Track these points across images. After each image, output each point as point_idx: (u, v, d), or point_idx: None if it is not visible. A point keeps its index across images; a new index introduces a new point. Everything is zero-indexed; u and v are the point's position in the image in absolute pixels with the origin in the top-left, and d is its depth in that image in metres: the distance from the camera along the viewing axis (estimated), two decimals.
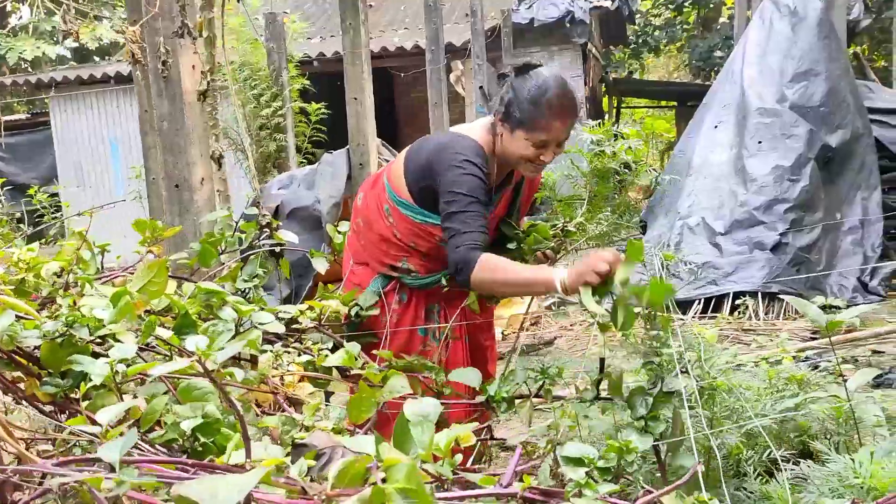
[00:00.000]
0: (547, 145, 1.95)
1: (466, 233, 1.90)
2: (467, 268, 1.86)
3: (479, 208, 1.94)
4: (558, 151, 2.02)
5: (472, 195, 1.93)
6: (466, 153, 1.98)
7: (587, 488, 1.12)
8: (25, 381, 1.40)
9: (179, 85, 2.48)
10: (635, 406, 1.66)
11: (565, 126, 1.95)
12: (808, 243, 4.92)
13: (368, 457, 0.86)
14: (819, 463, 1.83)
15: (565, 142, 2.01)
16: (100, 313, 1.47)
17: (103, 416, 1.05)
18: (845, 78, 5.54)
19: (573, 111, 1.96)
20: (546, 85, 1.92)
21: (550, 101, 1.91)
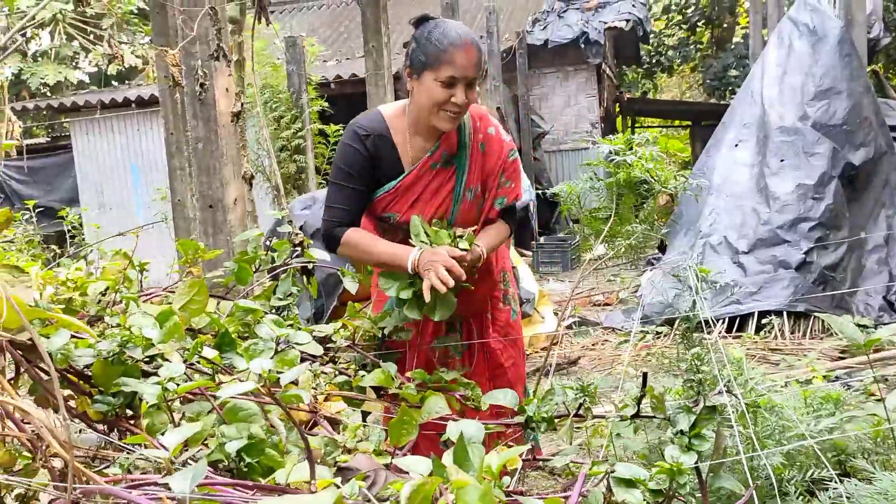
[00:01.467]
0: (455, 83, 1.90)
1: (330, 207, 2.07)
2: (334, 242, 2.07)
3: (345, 179, 2.03)
4: (472, 96, 1.95)
5: (339, 164, 2.05)
6: (354, 123, 2.05)
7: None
8: (77, 400, 1.42)
9: (214, 107, 2.52)
10: (679, 423, 1.65)
11: (471, 58, 1.90)
12: (834, 262, 4.89)
13: (437, 478, 0.86)
14: (861, 482, 1.81)
15: (474, 85, 1.95)
16: (149, 332, 1.49)
17: (170, 440, 1.06)
18: (867, 96, 5.53)
19: (476, 46, 1.92)
20: (444, 24, 1.94)
21: (450, 36, 1.90)
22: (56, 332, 1.36)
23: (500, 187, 2.12)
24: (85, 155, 10.86)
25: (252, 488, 1.07)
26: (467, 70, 1.90)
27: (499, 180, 2.12)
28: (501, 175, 2.12)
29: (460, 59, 1.89)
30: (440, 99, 1.93)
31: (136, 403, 1.48)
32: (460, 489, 0.83)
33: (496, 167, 2.11)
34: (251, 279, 2.16)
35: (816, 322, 4.63)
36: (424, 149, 2.06)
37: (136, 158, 10.64)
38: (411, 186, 2.07)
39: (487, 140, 2.11)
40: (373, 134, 2.03)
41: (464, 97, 1.92)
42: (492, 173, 2.11)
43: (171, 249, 5.67)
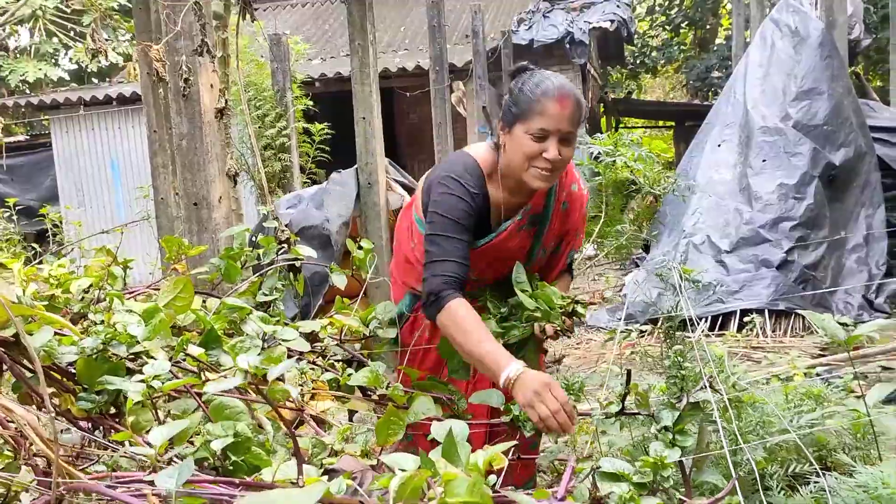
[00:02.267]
0: (547, 136, 1.77)
1: (439, 261, 1.79)
2: (435, 306, 1.76)
3: (456, 231, 1.81)
4: (566, 152, 1.80)
5: (448, 216, 1.81)
6: (454, 170, 1.87)
7: (631, 502, 1.12)
8: (60, 397, 1.40)
9: (199, 103, 2.50)
10: (662, 419, 1.66)
11: (565, 111, 1.75)
12: (814, 261, 4.95)
13: (427, 471, 0.86)
14: (843, 476, 1.83)
15: (571, 139, 1.80)
16: (134, 330, 1.48)
17: (156, 438, 1.05)
18: (848, 97, 5.60)
19: (574, 99, 1.77)
20: (540, 74, 1.82)
21: (544, 85, 1.77)
22: (39, 330, 1.35)
23: (575, 240, 2.06)
24: (65, 153, 10.74)
25: (238, 485, 1.07)
26: (560, 123, 1.76)
27: (575, 235, 2.05)
28: (578, 229, 2.06)
29: (553, 110, 1.75)
30: (531, 153, 1.78)
31: (121, 401, 1.47)
32: (449, 482, 0.83)
33: (576, 224, 2.04)
34: (239, 276, 2.15)
35: (797, 320, 4.69)
36: (514, 207, 1.94)
37: (117, 156, 10.55)
38: (496, 247, 1.96)
39: (570, 198, 2.01)
40: (478, 192, 1.88)
41: (556, 152, 1.77)
42: (571, 230, 2.04)
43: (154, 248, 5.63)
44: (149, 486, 1.02)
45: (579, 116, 1.80)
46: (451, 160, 1.96)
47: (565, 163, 1.83)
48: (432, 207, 1.86)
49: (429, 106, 7.37)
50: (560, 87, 1.78)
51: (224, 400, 1.52)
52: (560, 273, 2.10)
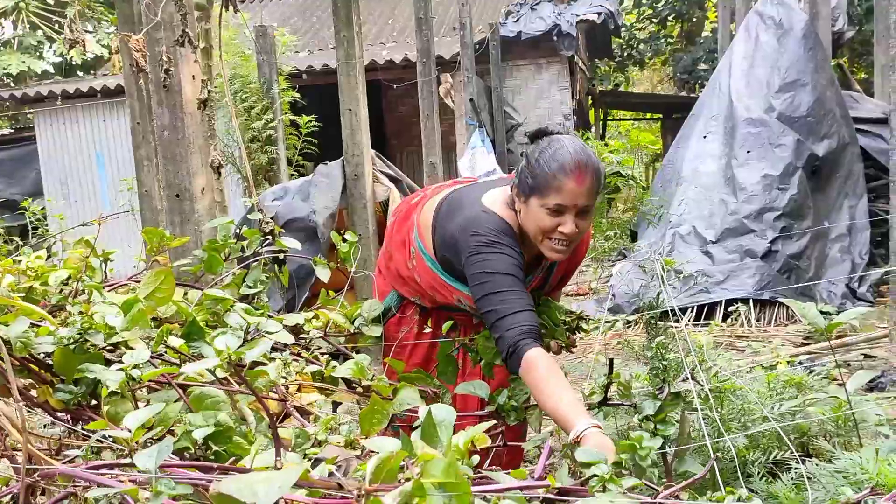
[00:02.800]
0: (564, 211, 1.72)
1: (515, 313, 1.71)
2: (515, 359, 1.68)
3: (518, 285, 1.74)
4: (582, 225, 1.76)
5: (507, 272, 1.75)
6: (492, 233, 1.80)
7: (611, 483, 1.13)
8: (38, 388, 1.39)
9: (180, 94, 2.48)
10: (644, 409, 1.67)
11: (582, 187, 1.71)
12: (798, 251, 4.98)
13: (403, 452, 0.86)
14: (823, 462, 1.85)
15: (589, 212, 1.77)
16: (112, 320, 1.47)
17: (131, 421, 1.05)
18: (831, 88, 5.63)
19: (591, 170, 1.72)
20: (559, 144, 1.75)
21: (563, 159, 1.72)
22: (15, 320, 1.34)
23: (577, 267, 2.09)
24: (49, 146, 10.65)
25: (216, 470, 1.07)
26: (578, 199, 1.72)
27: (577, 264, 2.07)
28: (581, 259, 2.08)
29: (570, 186, 1.71)
30: (547, 227, 1.75)
31: (100, 392, 1.46)
32: (426, 462, 0.83)
33: (579, 261, 2.05)
34: (221, 268, 2.14)
35: (781, 309, 4.72)
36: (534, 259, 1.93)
37: (102, 149, 10.47)
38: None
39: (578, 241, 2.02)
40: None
41: (573, 227, 1.74)
42: (576, 264, 2.05)
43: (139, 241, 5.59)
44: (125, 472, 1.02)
45: (598, 187, 1.75)
46: (478, 217, 1.85)
47: (582, 234, 1.80)
48: (480, 268, 1.77)
49: (416, 98, 7.36)
50: (577, 161, 1.72)
51: (205, 390, 1.51)
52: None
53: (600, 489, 1.10)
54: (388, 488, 0.81)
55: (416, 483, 0.78)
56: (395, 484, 0.83)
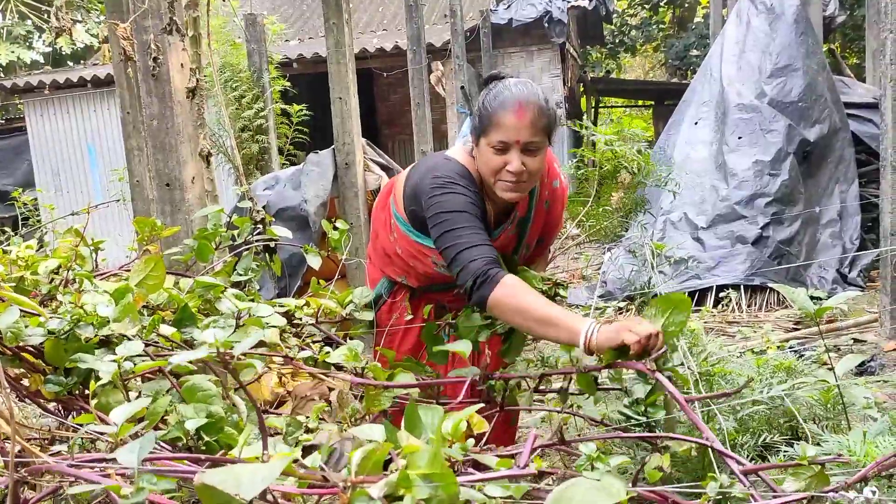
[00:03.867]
0: (508, 148, 1.73)
1: (475, 246, 1.69)
2: (487, 284, 1.63)
3: (473, 221, 1.74)
4: (530, 163, 1.75)
5: (464, 210, 1.75)
6: (449, 174, 1.82)
7: (598, 461, 1.14)
8: (29, 378, 1.39)
9: (169, 83, 2.47)
10: (635, 393, 1.68)
11: (522, 121, 1.71)
12: (789, 236, 5.00)
13: (388, 444, 0.87)
14: (812, 444, 1.87)
15: (536, 149, 1.75)
16: (103, 310, 1.46)
17: (118, 415, 1.05)
18: (822, 73, 5.64)
19: (534, 108, 1.73)
20: (503, 85, 1.78)
21: (504, 97, 1.74)
22: (5, 310, 1.33)
23: (556, 229, 2.06)
24: (40, 137, 10.57)
25: (203, 461, 1.07)
26: (519, 133, 1.71)
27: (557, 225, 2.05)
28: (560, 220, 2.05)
29: (510, 121, 1.71)
30: (495, 166, 1.75)
31: (91, 383, 1.46)
32: (411, 454, 0.84)
33: (558, 220, 2.03)
34: (212, 256, 2.14)
35: (772, 295, 4.75)
36: (502, 212, 1.93)
37: (93, 139, 10.41)
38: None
39: (552, 195, 2.00)
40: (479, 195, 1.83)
41: (519, 164, 1.73)
42: (553, 226, 2.03)
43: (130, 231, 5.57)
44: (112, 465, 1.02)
45: (544, 124, 1.74)
46: (437, 164, 1.88)
47: (533, 174, 1.78)
48: (437, 209, 1.77)
49: (408, 86, 7.33)
50: (519, 96, 1.73)
51: (197, 381, 1.51)
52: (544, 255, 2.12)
53: (588, 468, 1.11)
54: (373, 480, 0.82)
55: (402, 474, 0.79)
56: (381, 475, 0.84)
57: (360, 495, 0.78)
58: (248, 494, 0.76)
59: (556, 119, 1.80)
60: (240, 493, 0.77)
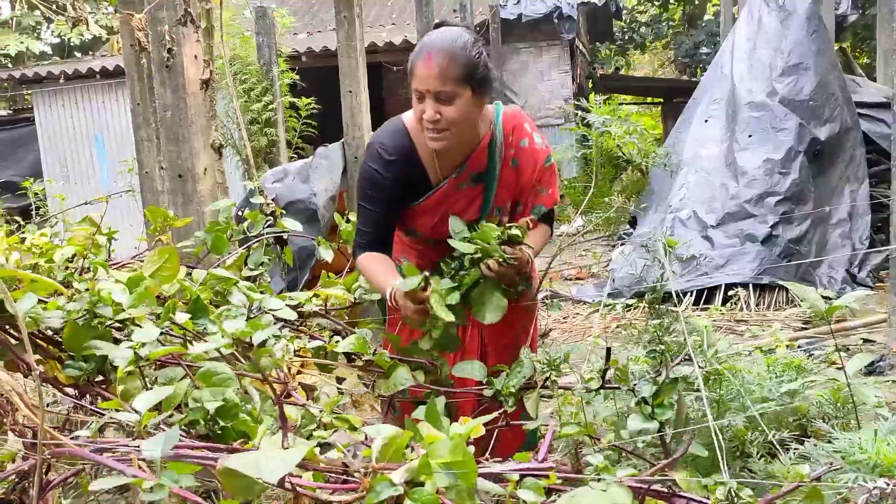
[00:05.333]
0: (422, 97, 1.78)
1: (358, 229, 2.01)
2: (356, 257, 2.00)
3: (367, 200, 1.96)
4: (446, 111, 1.77)
5: (363, 187, 1.96)
6: (376, 138, 1.96)
7: (606, 472, 1.14)
8: (46, 364, 1.40)
9: (182, 74, 2.48)
10: (641, 392, 1.68)
11: (429, 70, 1.74)
12: (798, 236, 4.99)
13: (409, 432, 0.87)
14: (823, 441, 1.87)
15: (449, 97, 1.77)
16: (119, 297, 1.47)
17: (141, 403, 1.06)
18: (833, 72, 5.61)
19: (442, 56, 1.74)
20: (429, 34, 1.82)
21: (420, 45, 1.79)
22: (24, 295, 1.34)
23: (536, 196, 2.02)
24: (48, 127, 10.60)
25: (224, 451, 1.08)
26: (428, 82, 1.75)
27: (535, 191, 2.01)
28: (538, 185, 2.01)
29: (419, 71, 1.76)
30: (417, 114, 1.82)
31: (108, 369, 1.47)
32: (431, 443, 0.84)
33: (531, 181, 2.00)
34: (227, 249, 2.15)
35: (781, 294, 4.74)
36: (452, 166, 1.94)
37: (101, 131, 10.43)
38: (437, 205, 1.98)
39: (520, 154, 1.98)
40: (398, 157, 1.91)
41: (432, 112, 1.77)
42: (527, 187, 2.00)
43: (139, 223, 5.57)
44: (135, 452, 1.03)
45: (456, 73, 1.75)
46: (383, 125, 2.00)
47: (452, 122, 1.79)
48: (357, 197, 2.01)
49: None
50: (431, 45, 1.77)
51: (212, 366, 1.52)
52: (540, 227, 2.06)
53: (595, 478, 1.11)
54: (394, 466, 0.82)
55: (423, 460, 0.79)
56: (401, 463, 0.84)
57: (381, 480, 0.78)
58: (271, 478, 0.77)
59: (482, 67, 1.80)
60: (262, 477, 0.77)
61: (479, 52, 1.81)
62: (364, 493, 0.77)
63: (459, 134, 1.84)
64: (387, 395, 1.84)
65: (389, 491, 0.76)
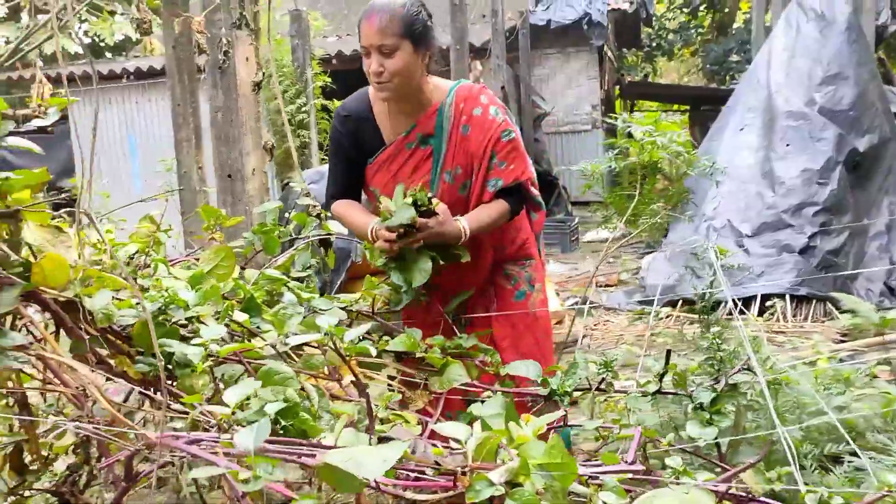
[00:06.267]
0: (369, 53, 1.96)
1: (328, 184, 2.21)
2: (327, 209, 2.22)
3: (331, 156, 2.19)
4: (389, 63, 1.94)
5: (330, 143, 2.20)
6: (341, 104, 2.18)
7: (684, 475, 1.14)
8: (115, 359, 1.43)
9: (235, 76, 2.51)
10: (700, 399, 1.67)
11: (371, 26, 1.93)
12: (836, 247, 4.93)
13: (503, 431, 0.87)
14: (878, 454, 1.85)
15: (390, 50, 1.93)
16: (186, 295, 1.50)
17: (230, 396, 1.07)
18: (873, 82, 5.55)
19: (381, 14, 1.93)
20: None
21: (365, 8, 1.98)
22: (97, 292, 1.37)
23: (490, 169, 2.06)
24: (82, 126, 10.77)
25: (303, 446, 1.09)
26: (370, 38, 1.93)
27: (489, 162, 2.06)
28: (493, 157, 2.06)
29: (363, 29, 1.95)
30: (366, 71, 1.99)
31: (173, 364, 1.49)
32: (523, 444, 0.85)
33: (482, 148, 2.05)
34: (278, 249, 2.18)
35: (818, 306, 4.68)
36: (402, 127, 2.10)
37: (134, 131, 10.58)
38: (388, 163, 2.11)
39: (471, 121, 2.06)
40: (353, 114, 2.12)
41: (376, 65, 1.94)
42: (477, 154, 2.06)
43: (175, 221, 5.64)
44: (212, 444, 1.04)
45: (395, 28, 1.92)
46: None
47: (395, 73, 1.95)
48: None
49: None
50: (372, 6, 1.96)
51: (274, 365, 1.54)
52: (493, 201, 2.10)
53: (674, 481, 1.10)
54: (490, 466, 0.83)
55: (523, 461, 0.80)
56: (495, 463, 0.85)
57: (479, 479, 0.79)
58: (371, 475, 0.78)
59: (419, 23, 1.97)
60: (362, 475, 0.78)
61: (418, 10, 1.99)
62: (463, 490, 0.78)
63: (403, 85, 1.98)
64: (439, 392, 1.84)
65: (489, 490, 0.76)
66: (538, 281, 2.37)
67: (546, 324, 2.37)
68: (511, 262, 2.29)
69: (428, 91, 2.07)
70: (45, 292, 1.28)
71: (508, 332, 2.25)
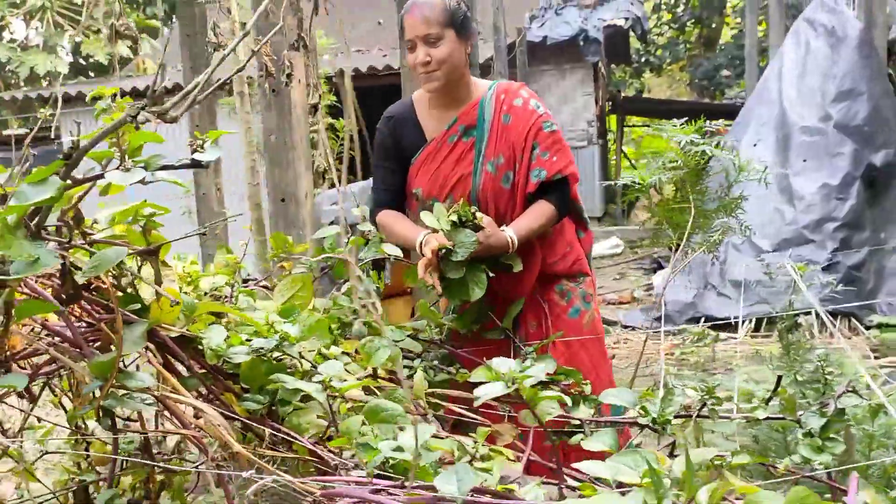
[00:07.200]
0: (415, 45, 2.00)
1: (373, 189, 2.22)
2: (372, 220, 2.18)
3: (376, 159, 2.20)
4: (435, 52, 1.99)
5: (374, 149, 2.21)
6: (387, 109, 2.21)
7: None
8: (223, 396, 1.36)
9: (289, 98, 2.46)
10: (809, 424, 1.63)
11: (416, 18, 1.99)
12: (858, 262, 4.94)
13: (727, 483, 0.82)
14: None
15: (436, 40, 1.99)
16: (288, 329, 1.44)
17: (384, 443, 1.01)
18: (886, 97, 5.60)
19: (424, 4, 1.99)
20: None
21: (405, 5, 2.04)
22: (208, 329, 1.31)
23: (533, 159, 2.07)
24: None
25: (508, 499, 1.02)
26: (416, 29, 1.99)
27: (531, 152, 2.07)
28: (535, 147, 2.07)
29: (408, 22, 2.01)
30: (411, 64, 2.04)
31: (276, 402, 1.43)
32: (751, 495, 0.80)
33: (523, 137, 2.07)
34: (345, 274, 2.12)
35: (844, 321, 4.68)
36: (446, 121, 2.12)
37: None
38: (430, 160, 2.12)
39: (512, 111, 2.09)
40: (396, 116, 2.17)
41: (423, 56, 1.99)
42: (518, 143, 2.07)
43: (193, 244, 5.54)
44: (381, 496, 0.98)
45: (437, 17, 1.98)
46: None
47: (441, 61, 1.99)
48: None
49: None
50: (413, 1, 2.03)
51: (380, 402, 1.48)
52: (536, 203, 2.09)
53: None
54: None
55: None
56: None
57: None
58: None
59: (461, 11, 2.02)
60: None
61: (458, 0, 2.05)
62: None
63: (450, 73, 2.02)
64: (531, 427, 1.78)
65: None
66: (592, 298, 2.33)
67: (601, 342, 2.34)
68: (566, 277, 2.27)
69: (470, 84, 2.12)
70: (163, 329, 1.22)
71: (563, 350, 2.21)
